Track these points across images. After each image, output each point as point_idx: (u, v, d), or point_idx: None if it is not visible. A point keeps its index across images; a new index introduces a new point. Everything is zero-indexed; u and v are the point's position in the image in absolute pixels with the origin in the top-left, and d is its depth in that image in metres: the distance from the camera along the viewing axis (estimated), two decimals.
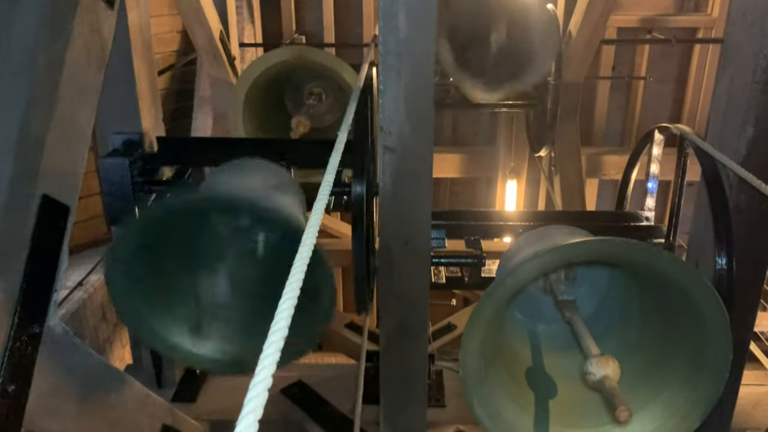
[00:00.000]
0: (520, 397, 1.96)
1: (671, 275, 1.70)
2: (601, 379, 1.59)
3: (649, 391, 1.89)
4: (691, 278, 1.67)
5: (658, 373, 1.90)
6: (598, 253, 1.82)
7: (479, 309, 1.73)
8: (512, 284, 1.76)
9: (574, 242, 1.72)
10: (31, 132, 1.72)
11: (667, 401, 1.85)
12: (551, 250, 1.69)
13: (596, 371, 1.60)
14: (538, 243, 2.09)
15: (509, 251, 2.31)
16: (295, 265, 0.85)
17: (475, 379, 1.82)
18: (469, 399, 1.82)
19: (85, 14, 1.92)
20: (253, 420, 0.63)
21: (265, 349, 0.69)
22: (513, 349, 2.13)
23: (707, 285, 1.65)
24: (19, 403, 1.63)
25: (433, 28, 2.00)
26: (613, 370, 1.60)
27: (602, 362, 1.60)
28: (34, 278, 1.70)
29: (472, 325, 1.74)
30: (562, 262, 1.85)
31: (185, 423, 2.94)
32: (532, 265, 1.71)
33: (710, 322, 1.68)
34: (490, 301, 1.75)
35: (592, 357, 1.64)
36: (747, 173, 1.98)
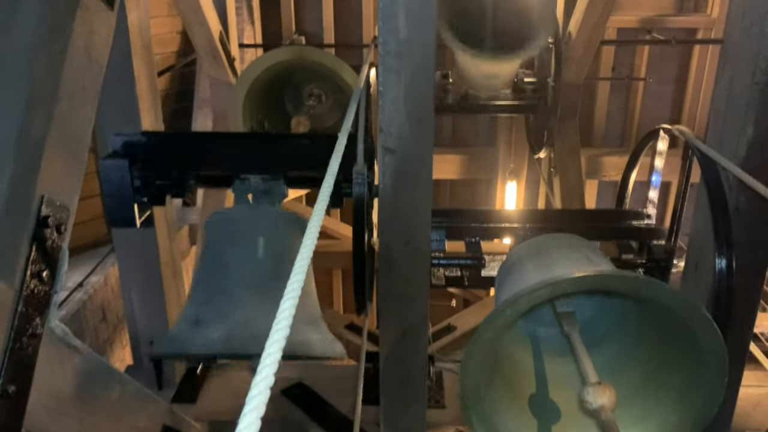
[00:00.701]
0: (519, 410, 1.96)
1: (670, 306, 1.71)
2: (597, 408, 1.60)
3: (644, 405, 1.90)
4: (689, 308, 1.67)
5: (654, 389, 1.91)
6: (601, 285, 1.84)
7: (479, 335, 1.74)
8: (512, 313, 1.78)
9: (576, 276, 1.72)
10: (31, 132, 1.72)
11: (662, 417, 1.86)
12: (553, 283, 1.69)
13: (593, 401, 1.60)
14: (537, 259, 2.10)
15: (508, 261, 2.31)
16: (296, 265, 0.85)
17: (474, 399, 1.82)
18: (468, 416, 1.82)
19: (85, 14, 1.92)
20: (255, 418, 0.63)
21: (267, 347, 0.69)
22: (512, 356, 2.12)
23: (706, 315, 1.65)
24: (20, 403, 1.63)
25: (433, 29, 2.00)
26: (609, 399, 1.60)
27: (599, 391, 1.61)
28: (34, 279, 1.70)
29: (471, 349, 1.75)
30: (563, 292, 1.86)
31: (185, 424, 2.94)
32: (533, 297, 1.72)
33: (707, 349, 1.69)
34: (490, 329, 1.76)
35: (589, 385, 1.64)
36: (746, 175, 1.98)
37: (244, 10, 6.93)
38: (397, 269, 2.31)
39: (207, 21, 5.24)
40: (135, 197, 2.44)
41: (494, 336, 1.82)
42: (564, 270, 1.91)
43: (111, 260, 5.28)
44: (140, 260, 3.56)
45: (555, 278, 1.70)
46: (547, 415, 1.97)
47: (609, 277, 1.79)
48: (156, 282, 3.60)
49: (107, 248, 5.40)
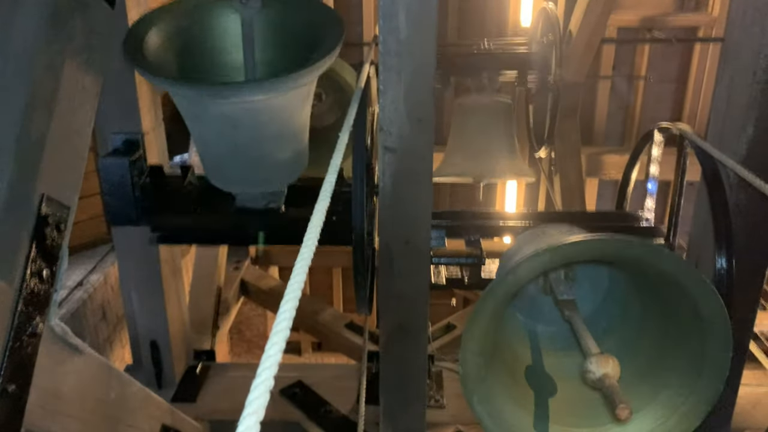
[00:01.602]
0: (520, 397, 1.96)
1: (670, 273, 1.70)
2: (600, 377, 1.59)
3: (649, 390, 1.90)
4: (689, 275, 1.67)
5: (658, 373, 1.90)
6: (599, 250, 1.82)
7: (479, 307, 1.73)
8: (512, 282, 1.76)
9: (574, 240, 1.72)
10: (31, 131, 1.72)
11: (667, 401, 1.85)
12: (551, 248, 1.68)
13: (596, 369, 1.60)
14: (538, 241, 2.09)
15: (509, 250, 2.31)
16: (296, 265, 0.85)
17: (475, 378, 1.81)
18: (469, 397, 1.82)
19: (85, 14, 1.91)
20: (255, 421, 0.63)
21: (267, 349, 0.69)
22: (513, 349, 2.13)
23: (706, 282, 1.65)
24: (19, 403, 1.63)
25: (434, 28, 2.00)
26: (613, 368, 1.60)
27: (602, 360, 1.61)
28: (34, 278, 1.70)
29: (472, 323, 1.74)
30: (562, 260, 1.85)
31: (185, 423, 2.94)
32: (533, 264, 1.71)
33: (709, 320, 1.68)
34: (491, 299, 1.75)
35: (591, 355, 1.64)
36: (747, 173, 1.98)
37: None
38: (397, 268, 2.31)
39: None
40: (135, 196, 2.44)
41: (495, 310, 1.81)
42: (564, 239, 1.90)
43: (111, 259, 5.28)
44: (140, 259, 3.56)
45: (554, 243, 1.69)
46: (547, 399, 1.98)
47: (608, 241, 1.76)
48: (156, 281, 3.60)
49: (107, 247, 5.40)
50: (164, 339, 3.75)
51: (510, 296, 1.90)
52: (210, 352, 4.26)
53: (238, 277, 6.36)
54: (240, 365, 4.61)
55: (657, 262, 1.71)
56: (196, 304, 5.00)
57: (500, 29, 7.59)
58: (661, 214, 4.19)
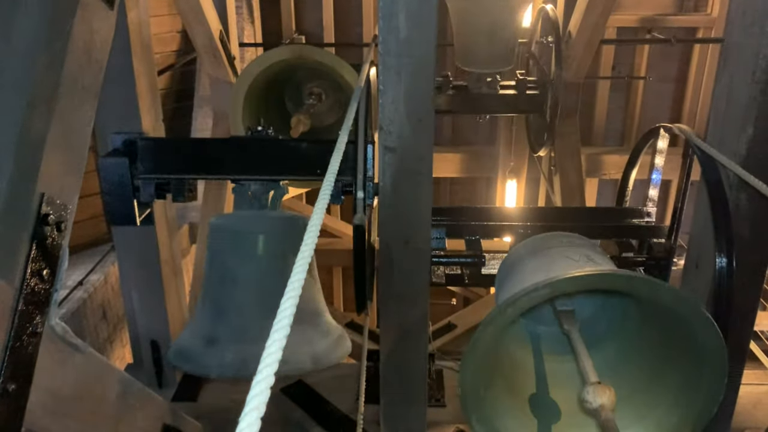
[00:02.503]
0: (520, 412, 1.96)
1: (674, 307, 1.71)
2: (597, 408, 1.60)
3: (644, 404, 1.90)
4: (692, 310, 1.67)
5: (654, 388, 1.91)
6: (600, 284, 1.84)
7: (479, 335, 1.74)
8: (512, 314, 1.78)
9: (575, 275, 1.72)
10: (31, 131, 1.72)
11: (662, 416, 1.86)
12: (552, 283, 1.69)
13: (593, 400, 1.61)
14: (537, 258, 2.10)
15: (508, 259, 2.31)
16: (296, 264, 0.85)
17: (474, 398, 1.82)
18: (468, 416, 1.83)
19: (85, 14, 1.91)
20: (256, 418, 0.63)
21: (268, 347, 0.69)
22: (512, 355, 2.12)
23: (705, 315, 1.65)
24: (20, 402, 1.63)
25: (434, 29, 2.00)
26: (609, 399, 1.60)
27: (599, 391, 1.61)
28: (34, 278, 1.70)
29: (471, 349, 1.75)
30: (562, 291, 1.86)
31: (186, 422, 2.94)
32: (532, 297, 1.72)
33: (707, 350, 1.69)
34: (490, 328, 1.76)
35: (589, 385, 1.64)
36: (747, 173, 1.98)
37: (244, 9, 6.92)
38: (397, 268, 2.32)
39: (207, 20, 5.23)
40: (135, 195, 2.44)
41: (494, 336, 1.83)
42: (564, 269, 1.91)
43: (111, 258, 5.28)
44: (140, 258, 3.57)
45: (555, 278, 1.70)
46: (547, 414, 1.98)
47: (609, 276, 1.79)
48: (156, 280, 3.60)
49: (107, 246, 5.40)
50: (164, 338, 3.75)
51: (508, 325, 1.91)
52: None
53: None
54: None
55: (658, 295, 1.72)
56: None
57: None
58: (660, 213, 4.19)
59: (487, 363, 1.85)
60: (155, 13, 6.10)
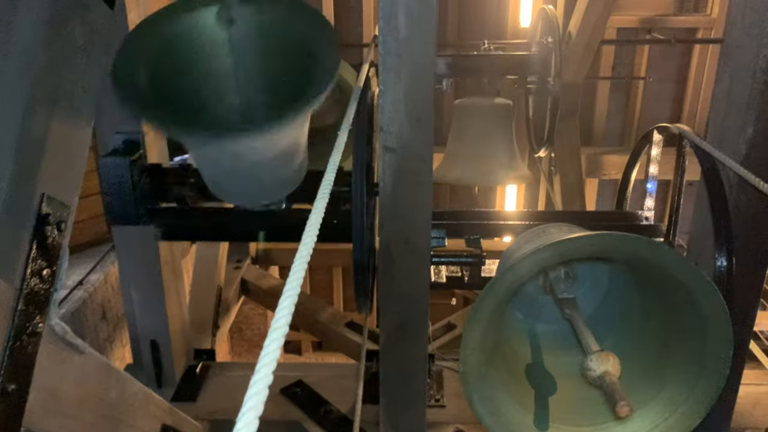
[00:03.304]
0: (520, 395, 1.96)
1: (670, 270, 1.70)
2: (601, 374, 1.60)
3: (650, 389, 1.90)
4: (689, 272, 1.67)
5: (659, 372, 1.91)
6: (598, 246, 1.82)
7: (479, 304, 1.73)
8: (512, 279, 1.76)
9: (573, 236, 1.72)
10: (32, 131, 1.72)
11: (667, 399, 1.85)
12: (551, 245, 1.69)
13: (596, 367, 1.60)
14: (538, 240, 2.09)
15: (509, 249, 2.32)
16: (295, 262, 0.85)
17: (476, 376, 1.82)
18: (469, 396, 1.82)
19: (85, 14, 1.92)
20: (254, 417, 0.63)
21: (266, 346, 0.69)
22: (513, 347, 2.13)
23: (707, 279, 1.65)
24: (19, 402, 1.63)
25: (434, 29, 2.00)
26: (614, 365, 1.60)
27: (602, 358, 1.61)
28: (34, 278, 1.71)
29: (472, 320, 1.74)
30: (561, 257, 1.85)
31: (185, 423, 2.95)
32: (532, 260, 1.72)
33: (710, 318, 1.68)
34: (491, 297, 1.75)
35: (592, 353, 1.64)
36: (747, 173, 1.98)
37: None
38: (397, 268, 2.32)
39: None
40: (135, 195, 2.44)
41: (495, 307, 1.81)
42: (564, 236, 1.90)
43: (111, 258, 5.28)
44: (140, 258, 3.56)
45: (554, 240, 1.70)
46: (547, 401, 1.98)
47: (608, 237, 1.75)
48: (156, 280, 3.60)
49: (107, 246, 5.39)
50: (164, 338, 3.75)
51: (510, 293, 1.90)
52: (210, 351, 4.25)
53: (239, 277, 6.36)
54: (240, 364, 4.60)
55: (657, 259, 1.71)
56: (197, 304, 5.00)
57: (500, 29, 7.60)
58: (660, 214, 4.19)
59: (487, 341, 1.84)
60: None
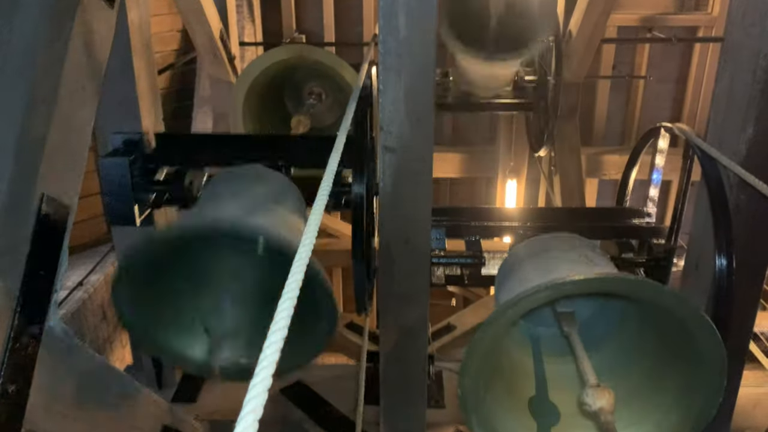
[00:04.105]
0: (519, 413, 1.97)
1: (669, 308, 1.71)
2: (596, 411, 1.61)
3: (644, 405, 1.90)
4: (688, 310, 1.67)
5: (653, 389, 1.91)
6: (601, 288, 1.84)
7: (479, 336, 1.75)
8: (512, 315, 1.79)
9: (575, 279, 1.72)
10: (31, 132, 1.72)
11: (661, 418, 1.86)
12: (553, 286, 1.69)
13: (592, 402, 1.61)
14: (537, 260, 2.10)
15: (508, 261, 2.31)
16: (295, 263, 0.85)
17: (474, 399, 1.82)
18: (468, 418, 1.83)
19: (85, 14, 1.92)
20: (253, 420, 0.63)
21: (265, 349, 0.69)
22: (512, 356, 2.12)
23: (704, 317, 1.65)
24: (19, 403, 1.63)
25: (434, 29, 2.00)
26: (609, 401, 1.60)
27: (598, 394, 1.61)
28: (34, 278, 1.70)
29: (471, 351, 1.75)
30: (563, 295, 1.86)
31: (185, 423, 2.94)
32: (533, 299, 1.73)
33: (706, 353, 1.69)
34: (490, 330, 1.76)
35: (588, 388, 1.64)
36: (747, 173, 1.98)
37: (244, 8, 6.92)
38: (397, 268, 2.31)
39: (207, 19, 5.23)
40: (135, 195, 2.44)
41: (494, 338, 1.83)
42: (564, 272, 1.91)
43: (111, 259, 5.28)
44: None
45: (554, 281, 1.70)
46: (546, 416, 1.98)
47: (608, 279, 1.79)
48: None
49: (107, 247, 5.39)
50: None
51: (509, 326, 1.91)
52: None
53: None
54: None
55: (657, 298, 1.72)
56: None
57: None
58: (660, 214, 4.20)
59: (486, 364, 1.85)
60: (155, 13, 6.10)
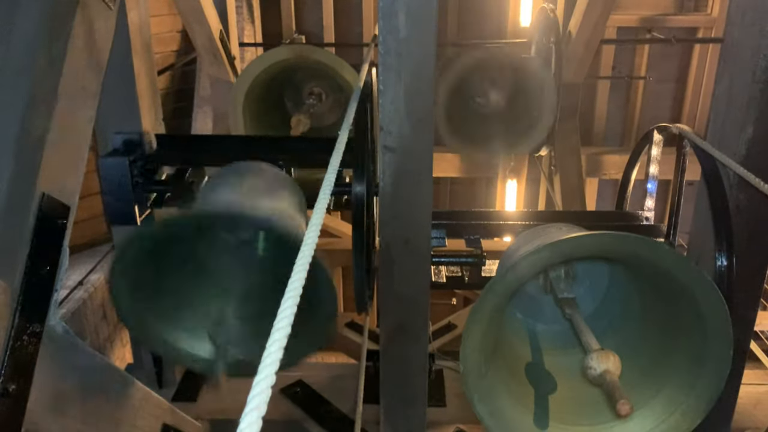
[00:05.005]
0: (521, 395, 1.96)
1: (669, 270, 1.70)
2: (601, 373, 1.60)
3: (650, 388, 1.90)
4: (689, 272, 1.67)
5: (659, 371, 1.91)
6: (598, 246, 1.82)
7: (480, 304, 1.73)
8: (513, 279, 1.76)
9: (573, 236, 1.72)
10: (31, 132, 1.72)
11: (668, 398, 1.85)
12: (551, 245, 1.69)
13: (597, 365, 1.60)
14: (538, 240, 2.09)
15: (509, 249, 2.32)
16: (297, 263, 0.85)
17: (476, 375, 1.82)
18: (470, 395, 1.82)
19: (85, 14, 1.92)
20: (257, 417, 0.63)
21: (268, 346, 0.69)
22: (513, 347, 2.13)
23: (706, 278, 1.65)
24: (20, 402, 1.64)
25: (434, 28, 2.00)
26: (614, 364, 1.60)
27: (603, 356, 1.61)
28: (35, 278, 1.71)
29: (472, 320, 1.74)
30: (562, 256, 1.85)
31: (186, 422, 2.95)
32: (533, 260, 1.71)
33: (710, 317, 1.68)
34: (491, 296, 1.75)
35: (592, 351, 1.64)
36: (747, 173, 1.98)
37: (244, 8, 6.92)
38: (397, 268, 2.31)
39: (207, 20, 5.23)
40: (135, 195, 2.44)
41: (495, 307, 1.81)
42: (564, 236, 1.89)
43: (111, 258, 5.28)
44: None
45: (555, 239, 1.69)
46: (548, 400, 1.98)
47: (608, 237, 1.75)
48: None
49: (107, 246, 5.40)
50: None
51: (510, 293, 1.90)
52: None
53: None
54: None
55: (656, 259, 1.71)
56: None
57: (500, 29, 7.60)
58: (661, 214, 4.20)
59: (487, 341, 1.84)
60: (155, 13, 6.10)
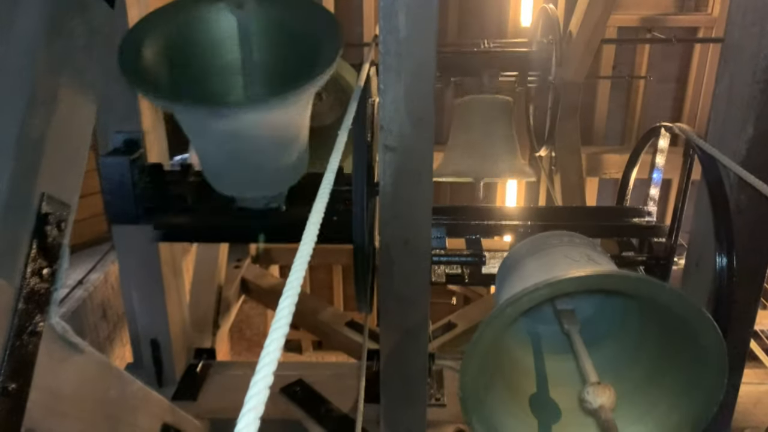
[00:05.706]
0: (520, 412, 1.96)
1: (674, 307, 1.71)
2: (597, 408, 1.60)
3: (645, 403, 1.90)
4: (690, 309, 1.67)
5: (654, 387, 1.91)
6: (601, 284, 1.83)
7: (479, 336, 1.74)
8: (512, 313, 1.78)
9: (574, 276, 1.72)
10: (31, 132, 1.72)
11: (662, 416, 1.86)
12: (552, 284, 1.69)
13: (593, 400, 1.61)
14: (537, 258, 2.09)
15: (508, 259, 2.31)
16: (295, 261, 0.85)
17: (475, 400, 1.82)
18: (469, 419, 1.83)
19: (85, 14, 1.92)
20: (254, 417, 0.63)
21: (266, 346, 0.69)
22: (512, 354, 2.12)
23: (706, 315, 1.65)
24: (20, 401, 1.64)
25: (434, 28, 2.00)
26: (609, 399, 1.60)
27: (599, 391, 1.61)
28: (35, 277, 1.71)
29: (472, 351, 1.75)
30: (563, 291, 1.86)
31: (186, 421, 2.95)
32: (532, 297, 1.72)
33: (707, 350, 1.69)
34: (490, 330, 1.76)
35: (589, 385, 1.64)
36: (747, 173, 1.98)
37: None
38: (397, 267, 2.32)
39: None
40: (135, 194, 2.44)
41: (494, 336, 1.83)
42: (564, 269, 1.91)
43: (111, 258, 5.28)
44: (140, 258, 3.56)
45: (555, 278, 1.70)
46: (547, 414, 1.98)
47: (609, 276, 1.79)
48: (156, 280, 3.60)
49: (107, 246, 5.40)
50: (165, 337, 3.75)
51: (509, 324, 1.91)
52: (210, 350, 4.26)
53: (239, 276, 6.37)
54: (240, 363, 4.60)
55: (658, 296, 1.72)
56: (197, 303, 5.00)
57: (500, 29, 7.59)
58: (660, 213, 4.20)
59: (487, 363, 1.85)
60: None
